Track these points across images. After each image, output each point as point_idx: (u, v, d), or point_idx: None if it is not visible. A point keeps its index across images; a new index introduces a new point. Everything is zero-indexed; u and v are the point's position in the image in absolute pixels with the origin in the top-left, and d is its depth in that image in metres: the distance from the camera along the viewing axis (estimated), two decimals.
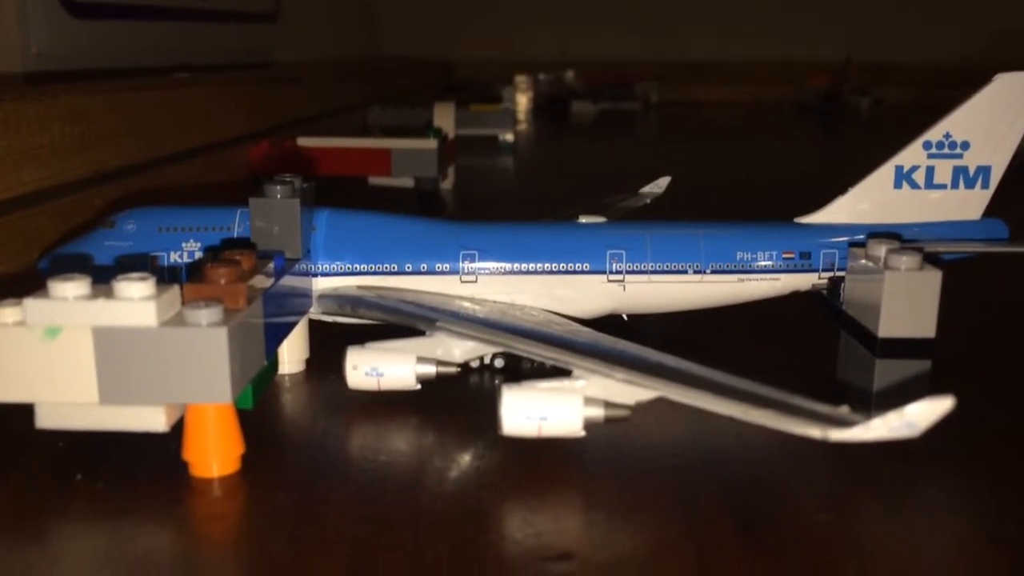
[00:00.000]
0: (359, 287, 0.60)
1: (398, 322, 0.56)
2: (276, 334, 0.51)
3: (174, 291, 0.43)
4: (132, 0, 1.33)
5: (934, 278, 0.51)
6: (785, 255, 0.62)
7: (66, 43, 1.15)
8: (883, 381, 0.52)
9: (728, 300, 0.63)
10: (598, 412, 0.45)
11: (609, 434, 0.49)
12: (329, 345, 0.58)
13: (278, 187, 0.55)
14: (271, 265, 0.50)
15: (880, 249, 0.52)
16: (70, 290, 0.41)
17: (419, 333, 0.54)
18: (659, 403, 0.46)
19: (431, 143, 1.26)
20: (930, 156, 0.62)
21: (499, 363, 0.60)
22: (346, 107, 1.95)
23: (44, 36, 1.10)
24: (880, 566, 0.38)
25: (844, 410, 0.39)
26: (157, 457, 0.46)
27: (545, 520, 0.41)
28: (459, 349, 0.55)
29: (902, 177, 0.62)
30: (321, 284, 0.59)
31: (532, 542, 0.39)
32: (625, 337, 0.51)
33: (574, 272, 0.61)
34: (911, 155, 0.62)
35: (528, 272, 0.61)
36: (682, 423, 0.51)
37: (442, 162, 1.29)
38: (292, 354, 0.59)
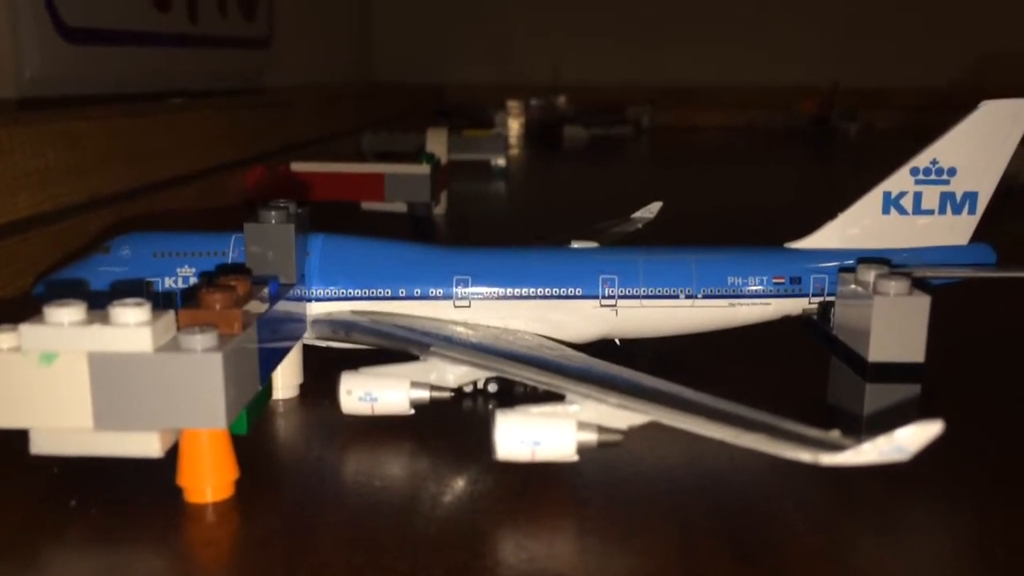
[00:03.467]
0: (353, 312, 0.60)
1: (392, 347, 0.56)
2: (270, 359, 0.51)
3: (169, 317, 0.43)
4: (126, 26, 1.34)
5: (923, 303, 0.51)
6: (775, 280, 0.63)
7: (60, 68, 1.16)
8: (873, 405, 0.52)
9: (719, 325, 0.64)
10: (591, 437, 0.46)
11: (602, 459, 0.49)
12: (323, 370, 0.58)
13: (273, 212, 0.55)
14: (266, 290, 0.51)
15: (869, 274, 0.52)
16: (66, 316, 0.41)
17: (413, 358, 0.54)
18: (652, 427, 0.46)
19: (424, 168, 1.27)
20: (917, 182, 0.62)
21: (492, 388, 0.60)
22: (339, 132, 1.96)
23: (38, 61, 1.11)
24: None
25: (835, 434, 0.40)
26: (152, 483, 0.46)
27: (539, 545, 0.41)
28: (453, 374, 0.55)
29: (890, 203, 0.63)
30: (315, 309, 0.60)
31: (526, 567, 0.39)
32: (617, 362, 0.52)
33: (567, 297, 0.61)
34: (899, 181, 0.63)
35: (521, 297, 0.61)
36: (675, 447, 0.51)
37: (435, 187, 1.29)
38: (286, 379, 0.59)
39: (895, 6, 3.25)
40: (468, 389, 0.59)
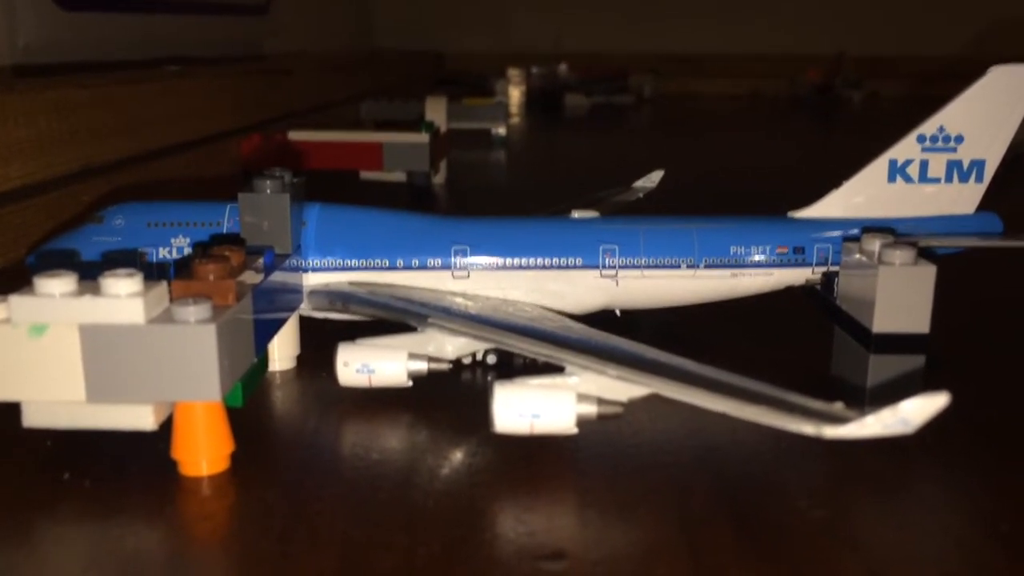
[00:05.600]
0: (350, 283, 0.59)
1: (389, 318, 0.55)
2: (266, 331, 0.50)
3: (162, 288, 0.42)
4: None
5: (928, 273, 0.50)
6: (779, 250, 0.62)
7: (54, 35, 1.14)
8: (877, 377, 0.52)
9: (721, 295, 0.63)
10: (591, 409, 0.45)
11: (602, 431, 0.48)
12: (320, 342, 0.57)
13: (268, 182, 0.54)
14: (261, 261, 0.50)
15: (874, 244, 0.52)
16: (56, 287, 0.41)
17: (411, 329, 0.54)
18: (652, 400, 0.45)
19: (423, 137, 1.25)
20: (924, 150, 0.61)
21: (491, 359, 0.59)
22: (338, 100, 1.94)
23: (32, 28, 1.09)
24: (874, 562, 0.38)
25: (838, 406, 0.39)
26: (146, 456, 0.46)
27: (538, 518, 0.41)
28: (451, 345, 0.54)
29: (896, 171, 0.62)
30: (312, 280, 0.59)
31: (525, 540, 0.39)
32: (618, 333, 0.51)
33: (567, 267, 0.60)
34: (905, 149, 0.62)
35: (520, 267, 0.60)
36: (675, 420, 0.50)
37: (434, 156, 1.28)
38: (282, 351, 0.58)
39: None
40: (467, 361, 0.59)
